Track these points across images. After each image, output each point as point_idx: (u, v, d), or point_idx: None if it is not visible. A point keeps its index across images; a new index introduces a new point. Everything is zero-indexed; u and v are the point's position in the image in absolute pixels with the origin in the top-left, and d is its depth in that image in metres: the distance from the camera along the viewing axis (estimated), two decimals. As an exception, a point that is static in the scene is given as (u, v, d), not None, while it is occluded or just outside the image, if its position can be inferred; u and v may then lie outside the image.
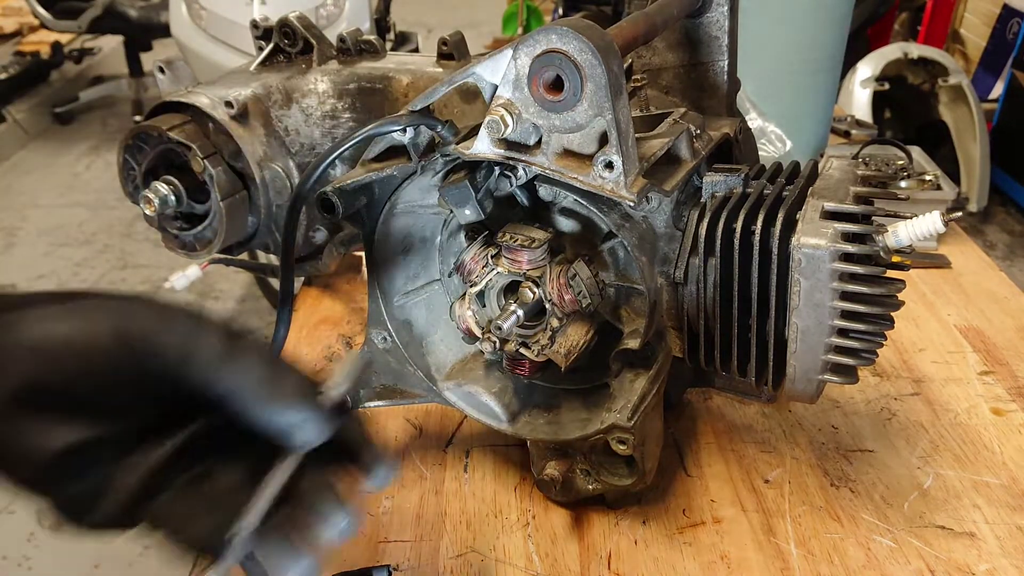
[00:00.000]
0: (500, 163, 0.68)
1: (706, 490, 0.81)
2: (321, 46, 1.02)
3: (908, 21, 4.17)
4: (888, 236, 0.62)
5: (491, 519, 0.79)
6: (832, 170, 0.69)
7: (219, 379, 0.44)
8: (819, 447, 0.86)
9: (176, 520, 0.45)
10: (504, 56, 0.62)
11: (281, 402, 0.44)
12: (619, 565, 0.73)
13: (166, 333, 0.44)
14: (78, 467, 0.45)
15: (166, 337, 0.44)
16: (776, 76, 1.33)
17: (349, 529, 0.45)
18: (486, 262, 0.73)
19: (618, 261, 0.73)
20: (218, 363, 0.44)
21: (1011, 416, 0.90)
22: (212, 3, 2.85)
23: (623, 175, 0.61)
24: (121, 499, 0.45)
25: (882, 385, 0.95)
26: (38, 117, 4.75)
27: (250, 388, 0.44)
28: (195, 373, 0.44)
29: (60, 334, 0.43)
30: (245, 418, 0.44)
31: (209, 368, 0.44)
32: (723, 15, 0.79)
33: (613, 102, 0.59)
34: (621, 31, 0.65)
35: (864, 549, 0.74)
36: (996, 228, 3.38)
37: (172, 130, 0.93)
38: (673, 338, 0.74)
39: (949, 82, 3.07)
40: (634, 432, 0.69)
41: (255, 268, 1.35)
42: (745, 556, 0.74)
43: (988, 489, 0.80)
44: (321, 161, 0.69)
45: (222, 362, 0.44)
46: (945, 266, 1.19)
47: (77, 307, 0.44)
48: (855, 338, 0.64)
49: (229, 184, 0.96)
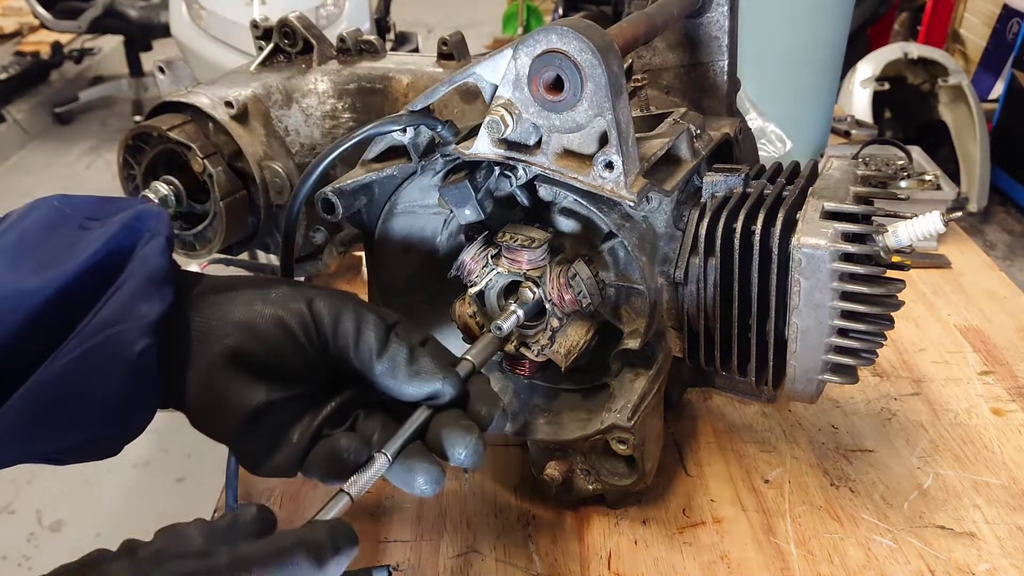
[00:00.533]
0: (500, 163, 0.68)
1: (706, 490, 0.81)
2: (321, 46, 1.02)
3: (908, 21, 4.17)
4: (888, 236, 0.62)
5: (491, 519, 0.79)
6: (832, 170, 0.69)
7: (375, 365, 0.55)
8: (819, 447, 0.86)
9: (328, 461, 0.55)
10: (504, 56, 0.62)
11: (420, 379, 0.55)
12: (619, 565, 0.73)
13: (340, 323, 0.56)
14: (263, 423, 0.55)
15: (340, 327, 0.56)
16: (776, 76, 1.33)
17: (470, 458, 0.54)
18: (486, 262, 0.73)
19: (618, 261, 0.73)
20: (375, 352, 0.55)
21: (1011, 416, 0.90)
22: (212, 3, 2.85)
23: (623, 175, 0.61)
24: (291, 455, 0.56)
25: (882, 385, 0.95)
26: (38, 117, 4.75)
27: (398, 374, 0.55)
28: (359, 358, 0.56)
29: (263, 314, 0.55)
30: (393, 393, 0.56)
31: (368, 356, 0.55)
32: (723, 15, 0.79)
33: (613, 102, 0.59)
34: (621, 31, 0.65)
35: (864, 549, 0.74)
36: (996, 228, 3.39)
37: (172, 130, 0.93)
38: (673, 338, 0.74)
39: (949, 82, 3.07)
40: (634, 432, 0.69)
41: (255, 268, 1.35)
42: (745, 556, 0.74)
43: (988, 489, 0.80)
44: (321, 161, 0.69)
45: (379, 353, 0.55)
46: (945, 266, 1.19)
47: (275, 294, 0.56)
48: (855, 338, 0.64)
49: (229, 184, 0.96)
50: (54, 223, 0.56)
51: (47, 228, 0.56)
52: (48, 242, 0.55)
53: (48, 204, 0.57)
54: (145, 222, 0.57)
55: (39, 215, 0.56)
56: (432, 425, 0.56)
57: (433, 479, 0.53)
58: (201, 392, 0.55)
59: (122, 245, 0.55)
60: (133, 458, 2.37)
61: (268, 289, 0.57)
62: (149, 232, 0.57)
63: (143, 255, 0.55)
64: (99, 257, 0.54)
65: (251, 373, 0.55)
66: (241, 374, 0.55)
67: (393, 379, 0.55)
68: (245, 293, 0.57)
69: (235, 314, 0.55)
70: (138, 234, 0.56)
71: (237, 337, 0.55)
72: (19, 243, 0.54)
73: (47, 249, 0.54)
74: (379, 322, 0.56)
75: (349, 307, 0.56)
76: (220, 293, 0.57)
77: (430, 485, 0.53)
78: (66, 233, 0.56)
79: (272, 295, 0.56)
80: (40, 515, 2.23)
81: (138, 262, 0.55)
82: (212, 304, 0.56)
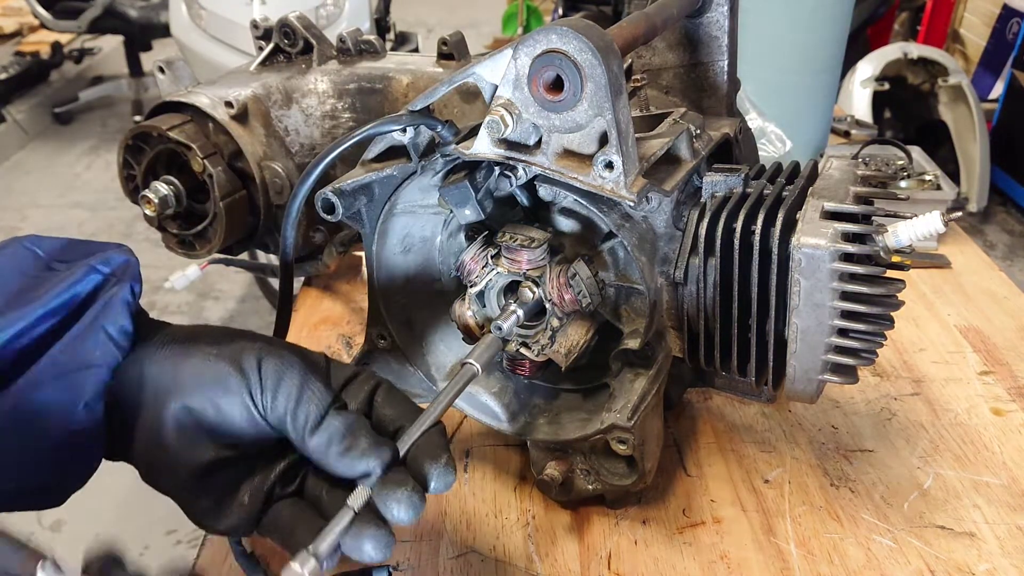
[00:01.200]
0: (500, 163, 0.68)
1: (706, 490, 0.81)
2: (321, 46, 1.02)
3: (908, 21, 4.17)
4: (888, 236, 0.62)
5: (491, 519, 0.79)
6: (832, 170, 0.69)
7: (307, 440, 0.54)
8: (819, 447, 0.86)
9: (287, 530, 0.55)
10: (504, 56, 0.62)
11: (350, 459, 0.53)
12: (619, 565, 0.73)
13: (281, 389, 0.54)
14: (212, 482, 0.55)
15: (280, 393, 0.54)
16: (776, 76, 1.33)
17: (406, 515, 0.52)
18: (486, 262, 0.73)
19: (618, 261, 0.73)
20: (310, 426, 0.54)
21: (1011, 416, 0.90)
22: (212, 3, 2.85)
23: (623, 175, 0.61)
24: (244, 512, 0.55)
25: (882, 385, 0.95)
26: (38, 117, 4.75)
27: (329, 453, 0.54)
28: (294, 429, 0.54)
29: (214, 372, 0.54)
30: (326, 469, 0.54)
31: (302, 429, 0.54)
32: (723, 15, 0.79)
33: (613, 102, 0.59)
34: (621, 31, 0.65)
35: (864, 549, 0.74)
36: (996, 228, 3.39)
37: (172, 130, 0.94)
38: (673, 338, 0.74)
39: (949, 82, 3.07)
40: (634, 432, 0.69)
41: (255, 268, 1.35)
42: (745, 556, 0.74)
43: (988, 489, 0.80)
44: (320, 161, 0.69)
45: (312, 430, 0.54)
46: (945, 266, 1.19)
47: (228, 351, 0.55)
48: (855, 338, 0.64)
49: (229, 184, 0.96)
50: (21, 264, 0.56)
51: (13, 269, 0.55)
52: (13, 283, 0.54)
53: (18, 244, 0.57)
54: (112, 266, 0.56)
55: (8, 256, 0.56)
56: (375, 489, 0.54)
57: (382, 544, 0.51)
58: (149, 448, 0.55)
59: (85, 290, 0.55)
60: (133, 458, 2.36)
61: (223, 345, 0.56)
62: (115, 277, 0.56)
63: (104, 301, 0.55)
64: (60, 300, 0.54)
65: (200, 431, 0.54)
66: (190, 432, 0.54)
67: (325, 457, 0.54)
68: (200, 349, 0.55)
69: (187, 371, 0.54)
70: (103, 279, 0.56)
71: (187, 395, 0.54)
72: None
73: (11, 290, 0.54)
74: (321, 393, 0.55)
75: (294, 372, 0.55)
76: (178, 345, 0.56)
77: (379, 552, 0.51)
78: (32, 275, 0.55)
79: (226, 352, 0.55)
80: (40, 515, 2.23)
81: (98, 307, 0.54)
82: (167, 358, 0.55)
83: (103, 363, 0.53)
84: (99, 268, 0.56)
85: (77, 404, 0.52)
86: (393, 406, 0.58)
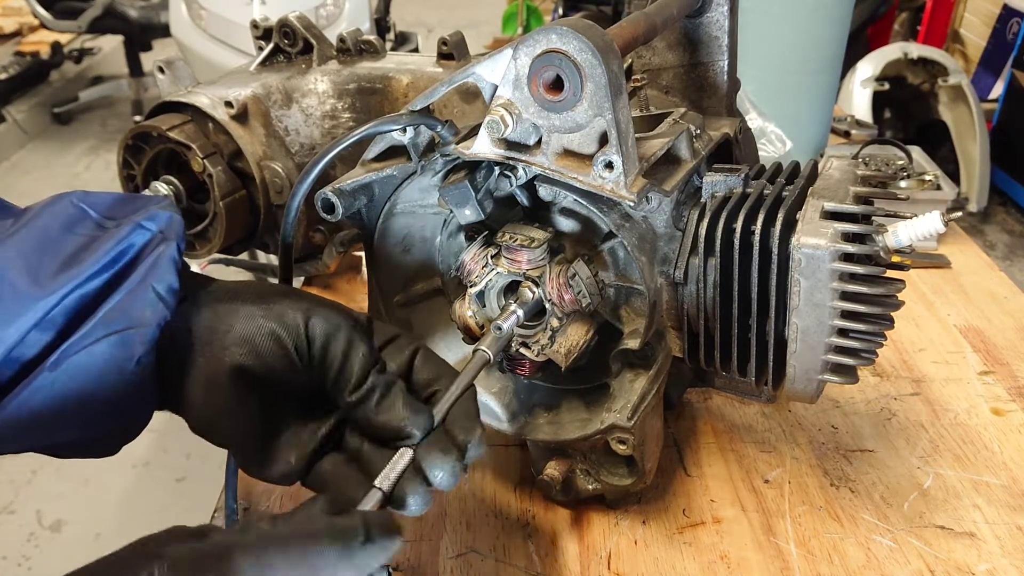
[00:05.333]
0: (500, 163, 0.68)
1: (706, 490, 0.81)
2: (321, 46, 1.02)
3: (908, 21, 4.17)
4: (888, 236, 0.62)
5: (491, 519, 0.79)
6: (832, 170, 0.69)
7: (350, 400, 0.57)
8: (819, 447, 0.86)
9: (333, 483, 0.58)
10: (504, 56, 0.62)
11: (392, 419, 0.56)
12: (619, 565, 0.73)
13: (331, 346, 0.57)
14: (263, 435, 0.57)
15: (329, 351, 0.57)
16: (776, 76, 1.34)
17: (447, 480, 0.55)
18: (486, 262, 0.73)
19: (618, 261, 0.73)
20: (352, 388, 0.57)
21: (1011, 416, 0.90)
22: (212, 3, 2.86)
23: (623, 175, 0.61)
24: (293, 464, 0.57)
25: (882, 385, 0.95)
26: (38, 117, 4.75)
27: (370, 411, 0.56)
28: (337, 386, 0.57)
29: (262, 329, 0.56)
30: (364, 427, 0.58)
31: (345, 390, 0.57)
32: (723, 15, 0.79)
33: (613, 102, 0.59)
34: (621, 31, 0.65)
35: (864, 549, 0.74)
36: (996, 228, 3.39)
37: (172, 130, 0.94)
38: (673, 338, 0.74)
39: (949, 82, 3.07)
40: (634, 432, 0.69)
41: (255, 268, 1.35)
42: (745, 556, 0.74)
43: (988, 489, 0.80)
44: (320, 160, 0.69)
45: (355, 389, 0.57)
46: (945, 266, 1.19)
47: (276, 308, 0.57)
48: (855, 338, 0.64)
49: (229, 184, 0.96)
50: (71, 221, 0.57)
51: (64, 227, 0.56)
52: (65, 241, 0.55)
53: (67, 201, 0.58)
54: (159, 224, 0.58)
55: (57, 213, 0.57)
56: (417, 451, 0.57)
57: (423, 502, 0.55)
58: (202, 403, 0.56)
59: (134, 247, 0.56)
60: (133, 458, 2.37)
61: (270, 302, 0.58)
62: (161, 234, 0.57)
63: (152, 259, 0.56)
64: (110, 258, 0.55)
65: (252, 386, 0.56)
66: (242, 387, 0.56)
67: (365, 415, 0.57)
68: (247, 307, 0.57)
69: (237, 328, 0.56)
70: (150, 236, 0.57)
71: (237, 352, 0.56)
72: (37, 243, 0.55)
73: (64, 249, 0.55)
74: (366, 353, 0.57)
75: (343, 330, 0.58)
76: (225, 303, 0.58)
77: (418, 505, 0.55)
78: (83, 233, 0.56)
79: (273, 309, 0.57)
80: (40, 515, 2.23)
81: (146, 266, 0.56)
82: (216, 314, 0.57)
83: (153, 321, 0.54)
84: (146, 226, 0.57)
85: (130, 360, 0.53)
86: (431, 370, 0.60)
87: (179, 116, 0.96)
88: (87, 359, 0.52)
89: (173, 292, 0.56)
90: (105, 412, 0.54)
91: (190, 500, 2.19)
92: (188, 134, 0.94)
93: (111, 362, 0.53)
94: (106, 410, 0.54)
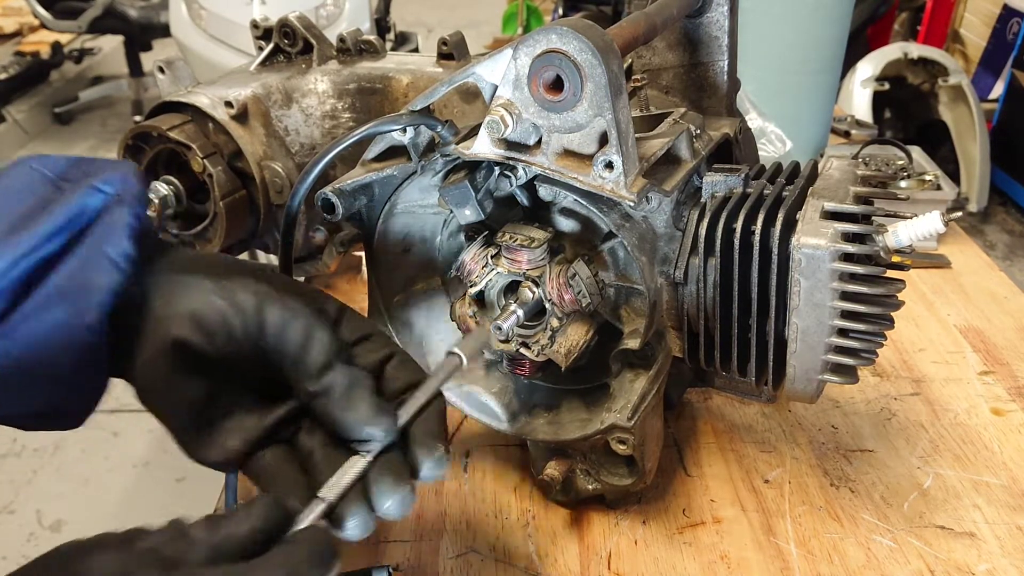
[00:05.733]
0: (500, 163, 0.68)
1: (706, 490, 0.81)
2: (321, 46, 1.02)
3: (908, 21, 4.17)
4: (888, 236, 0.62)
5: (491, 519, 0.79)
6: (832, 170, 0.69)
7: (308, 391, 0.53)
8: (819, 447, 0.86)
9: (269, 478, 0.54)
10: (504, 56, 0.62)
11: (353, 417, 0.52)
12: (619, 565, 0.73)
13: (286, 333, 0.53)
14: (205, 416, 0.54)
15: (285, 336, 0.53)
16: (776, 76, 1.34)
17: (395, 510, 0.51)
18: (486, 262, 0.73)
19: (618, 261, 0.73)
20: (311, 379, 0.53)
21: (1011, 416, 0.90)
22: (212, 3, 2.85)
23: (623, 175, 0.61)
24: (230, 450, 0.54)
25: (882, 385, 0.95)
26: (38, 117, 4.75)
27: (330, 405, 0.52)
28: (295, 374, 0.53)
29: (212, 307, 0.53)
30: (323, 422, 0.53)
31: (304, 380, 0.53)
32: (723, 15, 0.79)
33: (613, 102, 0.59)
34: (621, 31, 0.65)
35: (864, 549, 0.74)
36: (996, 228, 3.39)
37: (172, 130, 0.93)
38: (673, 338, 0.74)
39: (949, 82, 3.07)
40: (634, 432, 0.69)
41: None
42: (745, 556, 0.74)
43: (988, 489, 0.80)
44: (320, 160, 0.69)
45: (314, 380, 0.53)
46: (945, 266, 1.19)
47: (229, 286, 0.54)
48: (855, 338, 0.64)
49: (229, 184, 0.96)
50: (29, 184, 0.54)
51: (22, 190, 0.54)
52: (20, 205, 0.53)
53: (25, 165, 0.56)
54: (115, 187, 0.54)
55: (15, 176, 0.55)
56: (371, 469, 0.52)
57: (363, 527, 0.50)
58: (146, 373, 0.54)
59: (89, 210, 0.53)
60: (133, 458, 2.37)
61: (226, 279, 0.55)
62: (118, 196, 0.54)
63: (107, 222, 0.53)
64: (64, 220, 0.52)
65: (197, 364, 0.53)
66: (185, 363, 0.53)
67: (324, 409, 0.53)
68: (203, 280, 0.54)
69: (186, 301, 0.53)
70: (105, 199, 0.54)
71: (183, 326, 0.53)
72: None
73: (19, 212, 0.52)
74: (325, 344, 0.54)
75: (300, 318, 0.54)
76: (181, 273, 0.55)
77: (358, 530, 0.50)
78: (40, 195, 0.54)
79: (227, 287, 0.54)
80: (40, 515, 2.23)
81: (100, 231, 0.53)
82: (171, 283, 0.55)
83: (106, 287, 0.52)
84: (102, 188, 0.54)
85: (82, 326, 0.51)
86: (405, 378, 0.56)
87: (179, 116, 0.96)
88: (37, 326, 0.50)
89: (127, 258, 0.53)
90: (58, 379, 0.52)
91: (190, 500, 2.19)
92: (188, 134, 0.94)
93: (63, 328, 0.51)
94: (59, 377, 0.52)
